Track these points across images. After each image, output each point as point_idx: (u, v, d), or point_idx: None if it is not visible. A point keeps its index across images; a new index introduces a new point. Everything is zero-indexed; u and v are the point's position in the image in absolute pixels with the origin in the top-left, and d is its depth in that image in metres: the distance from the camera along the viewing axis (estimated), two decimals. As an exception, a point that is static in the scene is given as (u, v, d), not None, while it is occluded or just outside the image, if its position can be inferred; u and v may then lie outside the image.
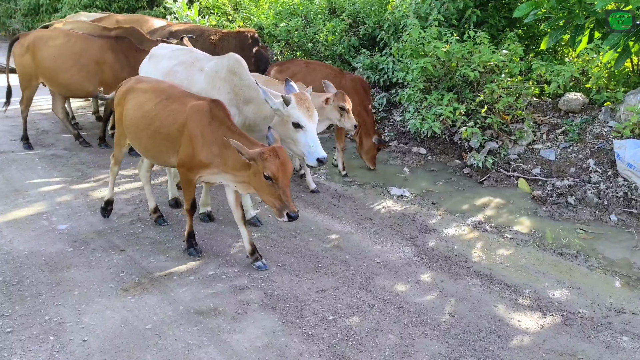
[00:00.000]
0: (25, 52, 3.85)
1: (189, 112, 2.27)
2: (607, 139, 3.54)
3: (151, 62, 2.97)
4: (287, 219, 2.03)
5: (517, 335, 2.01)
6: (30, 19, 9.50)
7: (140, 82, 2.60)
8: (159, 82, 2.58)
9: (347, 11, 5.30)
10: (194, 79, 2.69)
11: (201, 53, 2.93)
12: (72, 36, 3.85)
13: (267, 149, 2.06)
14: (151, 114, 2.39)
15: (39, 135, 4.63)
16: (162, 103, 2.39)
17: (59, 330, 1.96)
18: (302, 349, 1.89)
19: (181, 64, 2.79)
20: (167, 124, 2.34)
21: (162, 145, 2.39)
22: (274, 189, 2.05)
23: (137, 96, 2.49)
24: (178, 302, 2.16)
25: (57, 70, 3.78)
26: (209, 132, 2.23)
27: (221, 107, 2.28)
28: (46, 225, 2.88)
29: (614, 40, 3.10)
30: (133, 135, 2.52)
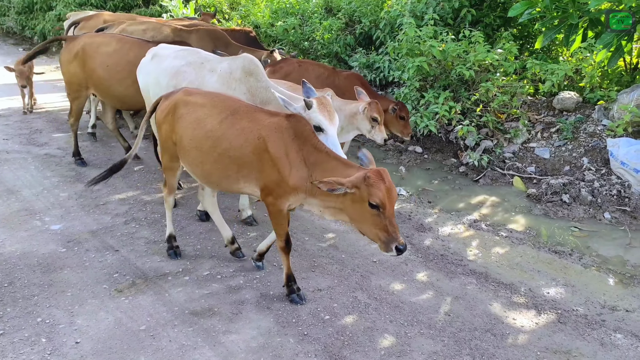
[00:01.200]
0: (73, 59, 3.37)
1: (267, 131, 1.94)
2: (600, 137, 3.56)
3: (154, 62, 2.82)
4: (395, 252, 1.72)
5: (512, 333, 2.01)
6: (24, 17, 9.38)
7: (192, 94, 2.19)
8: (214, 94, 2.20)
9: (343, 10, 5.30)
10: (205, 80, 2.58)
11: (208, 54, 2.82)
12: (126, 42, 3.33)
13: (372, 172, 1.73)
14: (216, 134, 2.01)
15: (32, 134, 4.57)
16: (229, 120, 2.02)
17: (51, 332, 1.94)
18: (297, 349, 1.89)
19: (189, 65, 2.67)
20: (238, 146, 1.98)
21: (230, 170, 2.03)
22: (379, 219, 1.73)
23: (194, 112, 2.10)
24: (173, 302, 2.15)
25: (110, 80, 3.29)
26: (294, 152, 1.92)
27: (303, 122, 1.98)
28: (39, 225, 2.84)
29: (607, 40, 3.13)
30: (193, 160, 2.12)
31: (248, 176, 2.03)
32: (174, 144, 2.21)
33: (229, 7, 7.08)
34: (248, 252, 2.57)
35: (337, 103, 2.80)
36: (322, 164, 1.90)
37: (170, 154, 2.28)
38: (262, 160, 1.96)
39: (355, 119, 2.81)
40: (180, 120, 2.14)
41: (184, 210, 3.10)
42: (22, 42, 9.88)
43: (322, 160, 1.90)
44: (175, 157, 2.27)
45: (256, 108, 2.11)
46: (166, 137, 2.24)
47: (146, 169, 3.78)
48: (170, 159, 2.30)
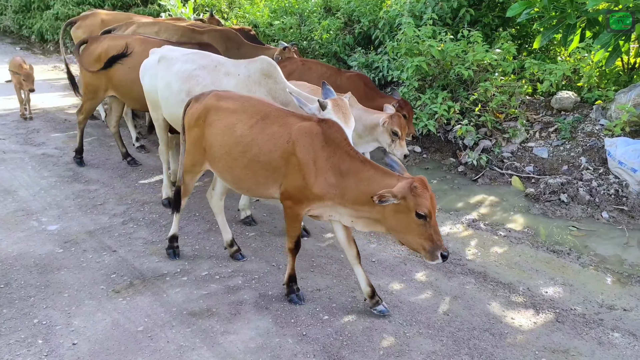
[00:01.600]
0: (95, 61, 3.32)
1: (296, 135, 1.89)
2: (598, 137, 3.58)
3: (162, 65, 2.68)
4: (441, 260, 1.70)
5: (510, 332, 2.02)
6: (21, 16, 9.32)
7: (222, 98, 2.13)
8: (245, 98, 2.13)
9: (342, 9, 5.29)
10: (222, 84, 2.50)
11: (221, 57, 2.73)
12: (149, 44, 3.27)
13: (417, 181, 1.69)
14: (246, 139, 1.98)
15: (29, 134, 4.54)
16: (259, 125, 1.97)
17: (48, 333, 1.92)
18: (296, 350, 1.88)
19: (202, 69, 2.57)
20: (267, 151, 1.94)
21: (261, 176, 1.99)
22: (425, 228, 1.69)
23: (224, 117, 2.05)
24: (171, 303, 2.14)
25: (133, 83, 3.15)
26: (323, 159, 1.85)
27: (336, 128, 1.90)
28: (36, 226, 2.82)
29: (604, 40, 3.14)
30: (223, 165, 2.08)
31: (277, 181, 1.97)
32: (202, 150, 2.14)
33: (228, 6, 7.06)
34: (247, 252, 2.56)
35: (358, 112, 2.64)
36: (357, 172, 1.81)
37: (195, 159, 2.20)
38: (289, 164, 1.90)
39: (375, 131, 2.67)
40: (211, 127, 2.07)
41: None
42: (19, 41, 9.82)
43: (357, 168, 1.81)
44: (199, 162, 2.19)
45: (288, 112, 2.03)
46: (195, 141, 2.16)
47: (144, 168, 3.76)
48: (194, 163, 2.22)
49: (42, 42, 8.95)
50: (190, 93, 2.50)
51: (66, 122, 4.91)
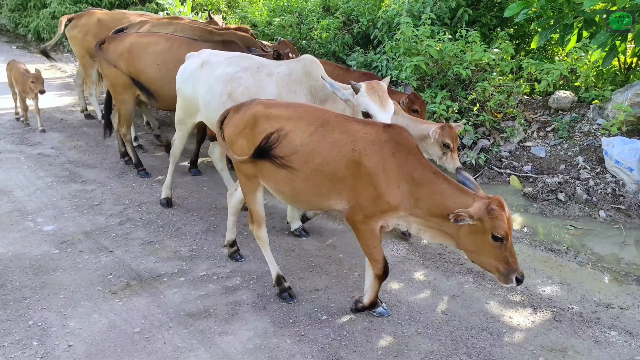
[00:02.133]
0: (117, 59, 3.19)
1: (363, 143, 1.77)
2: (595, 136, 3.59)
3: (206, 70, 2.61)
4: (515, 283, 1.63)
5: (508, 331, 2.02)
6: (17, 14, 9.25)
7: (271, 106, 1.97)
8: (297, 105, 2.01)
9: (341, 9, 5.29)
10: (264, 85, 2.46)
11: (263, 58, 2.68)
12: (175, 41, 3.20)
13: (494, 202, 1.60)
14: (307, 148, 1.83)
15: (25, 133, 4.51)
16: (319, 132, 1.83)
17: (43, 335, 1.90)
18: (294, 350, 1.87)
19: (245, 70, 2.52)
20: (331, 160, 1.80)
21: (323, 187, 1.85)
22: (500, 250, 1.61)
23: (278, 124, 1.90)
24: (168, 304, 2.12)
25: (161, 81, 3.10)
26: (394, 167, 1.73)
27: (405, 134, 1.80)
28: (31, 226, 2.80)
29: (601, 40, 3.15)
30: (281, 178, 1.91)
31: (340, 193, 1.85)
32: (251, 162, 1.96)
33: (227, 5, 7.03)
34: (245, 252, 2.55)
35: (404, 121, 2.51)
36: (430, 184, 1.72)
37: (246, 174, 2.02)
38: (357, 175, 1.77)
39: (425, 142, 2.51)
40: (263, 136, 1.89)
41: (180, 211, 3.07)
42: (15, 40, 9.74)
43: (429, 180, 1.71)
44: (252, 175, 2.01)
45: (347, 118, 1.91)
46: (242, 154, 1.97)
47: (141, 168, 3.74)
48: (247, 179, 2.03)
49: (38, 40, 8.89)
50: (231, 95, 2.48)
51: (62, 121, 4.87)
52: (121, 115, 3.46)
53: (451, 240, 1.76)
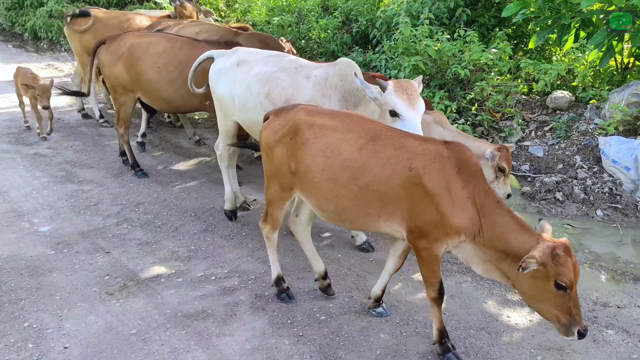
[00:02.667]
0: (117, 60, 3.12)
1: (422, 161, 1.62)
2: (592, 135, 3.61)
3: (243, 69, 2.52)
4: (577, 337, 1.49)
5: (506, 331, 2.02)
6: (14, 13, 9.18)
7: (315, 114, 1.82)
8: (344, 114, 1.84)
9: (340, 8, 5.29)
10: (300, 87, 2.37)
11: (302, 59, 2.59)
12: (176, 41, 3.12)
13: (560, 246, 1.45)
14: (356, 164, 1.68)
15: (22, 133, 4.47)
16: (370, 147, 1.68)
17: (38, 337, 1.89)
18: (292, 351, 1.86)
19: (283, 71, 2.43)
20: (383, 178, 1.65)
21: (372, 207, 1.69)
22: (563, 299, 1.47)
23: (324, 136, 1.75)
24: (165, 305, 2.11)
25: (161, 82, 3.04)
26: (458, 187, 1.58)
27: (468, 154, 1.64)
28: (27, 227, 2.77)
29: (598, 40, 3.16)
30: (325, 194, 1.76)
31: (393, 214, 1.68)
32: (290, 173, 1.83)
33: (225, 4, 7.02)
34: (242, 253, 2.53)
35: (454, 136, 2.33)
36: (492, 214, 1.57)
37: (282, 184, 1.87)
38: (414, 196, 1.61)
39: None
40: (305, 147, 1.76)
41: (177, 211, 3.05)
42: (11, 39, 9.67)
43: (492, 209, 1.57)
44: (287, 186, 1.86)
45: (401, 132, 1.75)
46: (280, 163, 1.84)
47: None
48: (281, 189, 1.88)
49: (35, 39, 8.83)
50: (269, 95, 2.40)
51: (59, 121, 4.84)
52: (120, 117, 3.41)
53: (507, 280, 1.60)
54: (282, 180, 1.88)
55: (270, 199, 1.96)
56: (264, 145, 1.91)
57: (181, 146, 4.28)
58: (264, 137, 1.91)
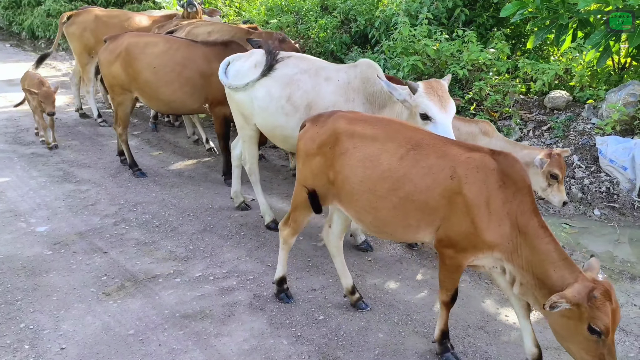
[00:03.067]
0: (115, 60, 3.13)
1: (464, 169, 1.54)
2: (590, 135, 3.62)
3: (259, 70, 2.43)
4: None
5: (504, 330, 2.02)
6: (11, 12, 9.13)
7: (354, 121, 1.76)
8: (384, 121, 1.77)
9: (338, 8, 5.29)
10: (322, 91, 2.30)
11: (323, 61, 2.51)
12: (174, 42, 3.13)
13: (600, 290, 1.34)
14: (396, 174, 1.62)
15: (19, 133, 4.44)
16: (411, 157, 1.62)
17: (35, 338, 1.88)
18: (290, 351, 1.86)
19: (304, 73, 2.35)
20: (424, 188, 1.58)
21: (412, 218, 1.64)
22: (597, 345, 1.36)
23: (364, 146, 1.69)
24: (163, 305, 2.10)
25: (157, 83, 3.05)
26: (499, 201, 1.49)
27: (518, 166, 1.53)
28: (24, 227, 2.76)
29: (595, 40, 3.18)
30: (364, 205, 1.71)
31: (432, 224, 1.62)
32: (328, 182, 1.78)
33: (224, 3, 7.01)
34: (241, 253, 2.52)
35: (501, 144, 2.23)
36: (534, 238, 1.47)
37: (319, 194, 1.82)
38: (452, 204, 1.55)
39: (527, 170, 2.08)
40: (345, 157, 1.71)
41: (175, 210, 3.04)
42: (9, 38, 9.62)
43: (535, 233, 1.47)
44: (321, 195, 1.82)
45: (445, 140, 1.67)
46: (317, 172, 1.78)
47: (136, 168, 3.70)
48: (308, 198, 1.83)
49: (33, 38, 8.79)
50: (290, 98, 2.32)
51: (57, 120, 4.81)
52: (118, 116, 3.40)
53: (541, 310, 1.52)
54: (318, 189, 1.82)
55: (297, 204, 1.90)
56: (301, 153, 1.86)
57: (179, 146, 4.26)
58: (302, 145, 1.85)
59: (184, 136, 4.41)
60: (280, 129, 2.41)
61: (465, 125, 2.36)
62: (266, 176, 3.59)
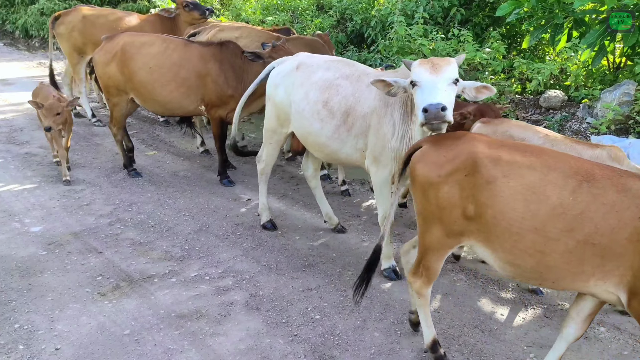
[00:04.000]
0: (111, 60, 3.08)
1: None
2: (585, 134, 3.64)
3: (301, 73, 2.35)
4: None
5: (500, 329, 2.03)
6: (4, 11, 9.04)
7: (499, 146, 1.48)
8: (536, 149, 1.49)
9: (334, 7, 5.29)
10: (363, 97, 2.18)
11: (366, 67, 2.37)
12: (170, 42, 3.09)
13: None
14: (571, 212, 1.35)
15: (13, 132, 4.41)
16: (586, 190, 1.35)
17: (29, 338, 1.86)
18: (286, 350, 1.86)
19: (345, 78, 2.24)
20: (608, 230, 1.32)
21: (588, 264, 1.36)
22: None
23: (520, 175, 1.41)
24: (158, 305, 2.09)
25: (153, 84, 3.01)
26: None
27: None
28: (18, 227, 2.74)
29: (590, 40, 3.20)
30: (526, 248, 1.41)
31: (610, 273, 1.35)
32: (464, 217, 1.47)
33: (219, 2, 6.98)
34: (237, 252, 2.51)
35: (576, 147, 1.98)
36: None
37: (449, 229, 1.51)
38: None
39: None
40: (493, 187, 1.42)
41: (171, 210, 3.03)
42: (2, 37, 9.52)
43: None
44: (456, 233, 1.51)
45: (620, 171, 1.40)
46: (449, 204, 1.48)
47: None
48: (446, 235, 1.52)
49: (26, 37, 8.70)
50: (327, 104, 2.20)
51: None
52: (113, 117, 3.37)
53: None
54: (449, 226, 1.51)
55: (428, 246, 1.58)
56: (421, 181, 1.52)
57: (175, 145, 4.25)
58: (421, 172, 1.52)
59: (179, 136, 4.40)
60: (314, 136, 2.28)
61: (588, 149, 1.99)
62: (263, 176, 3.59)
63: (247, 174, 3.64)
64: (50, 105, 3.14)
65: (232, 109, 3.01)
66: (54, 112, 3.12)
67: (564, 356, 1.71)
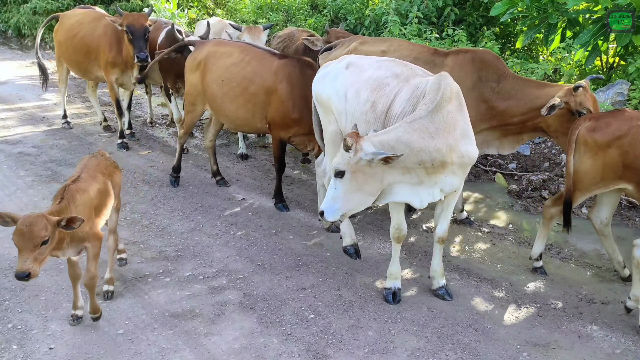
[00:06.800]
0: (195, 68, 2.89)
1: None
2: (579, 134, 3.67)
3: (351, 71, 2.23)
4: None
5: (493, 327, 2.05)
6: (-3, 11, 8.92)
7: None
8: None
9: (328, 7, 5.29)
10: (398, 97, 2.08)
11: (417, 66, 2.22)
12: (248, 53, 2.77)
13: None
14: None
15: (5, 132, 4.36)
16: None
17: (23, 338, 1.86)
18: (281, 349, 1.87)
19: (395, 78, 2.11)
20: None
21: None
22: None
23: None
24: (152, 305, 2.09)
25: (223, 98, 2.76)
26: None
27: None
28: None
29: (584, 39, 3.23)
30: None
31: None
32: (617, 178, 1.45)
33: (213, 1, 6.95)
34: (231, 252, 2.51)
35: None
36: None
37: None
38: None
39: None
40: None
41: (165, 210, 3.02)
42: (-5, 36, 9.42)
43: None
44: None
45: None
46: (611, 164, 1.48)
47: (126, 167, 3.67)
48: None
49: (19, 37, 8.61)
50: (375, 104, 2.08)
51: (44, 119, 4.74)
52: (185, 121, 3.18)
53: None
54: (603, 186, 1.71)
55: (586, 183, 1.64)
56: (591, 145, 1.61)
57: (169, 145, 4.23)
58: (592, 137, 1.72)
59: (175, 135, 4.38)
60: None
61: None
62: (256, 176, 3.58)
63: (241, 173, 3.64)
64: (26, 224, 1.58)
65: (295, 134, 2.78)
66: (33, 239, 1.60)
67: (555, 354, 1.73)
